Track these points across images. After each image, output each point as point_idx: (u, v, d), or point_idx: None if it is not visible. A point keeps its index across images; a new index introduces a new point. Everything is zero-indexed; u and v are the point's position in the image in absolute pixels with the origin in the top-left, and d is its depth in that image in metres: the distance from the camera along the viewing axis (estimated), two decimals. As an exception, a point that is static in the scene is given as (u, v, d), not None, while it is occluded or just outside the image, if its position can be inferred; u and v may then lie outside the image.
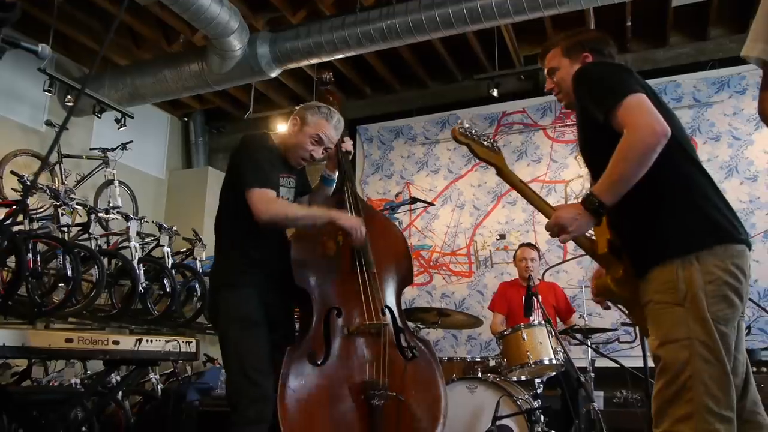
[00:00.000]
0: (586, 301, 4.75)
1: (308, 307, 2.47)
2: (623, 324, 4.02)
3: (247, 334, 2.30)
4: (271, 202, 2.35)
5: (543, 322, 3.39)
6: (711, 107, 5.67)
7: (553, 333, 3.32)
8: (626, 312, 1.94)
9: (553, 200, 5.94)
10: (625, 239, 1.78)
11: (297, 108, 2.63)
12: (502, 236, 6.09)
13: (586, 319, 4.37)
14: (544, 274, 4.20)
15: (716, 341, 1.55)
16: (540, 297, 3.42)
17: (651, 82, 6.11)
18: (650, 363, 3.51)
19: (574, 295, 5.35)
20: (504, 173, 1.90)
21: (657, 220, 1.68)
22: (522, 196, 1.88)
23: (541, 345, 3.33)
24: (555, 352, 3.37)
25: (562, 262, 5.49)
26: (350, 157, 2.84)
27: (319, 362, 2.34)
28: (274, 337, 2.37)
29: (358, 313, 2.45)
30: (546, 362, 3.39)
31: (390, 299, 2.59)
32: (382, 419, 2.29)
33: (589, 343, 3.60)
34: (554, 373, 3.63)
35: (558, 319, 4.42)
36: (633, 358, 4.92)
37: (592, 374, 3.78)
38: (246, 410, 2.19)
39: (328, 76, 2.94)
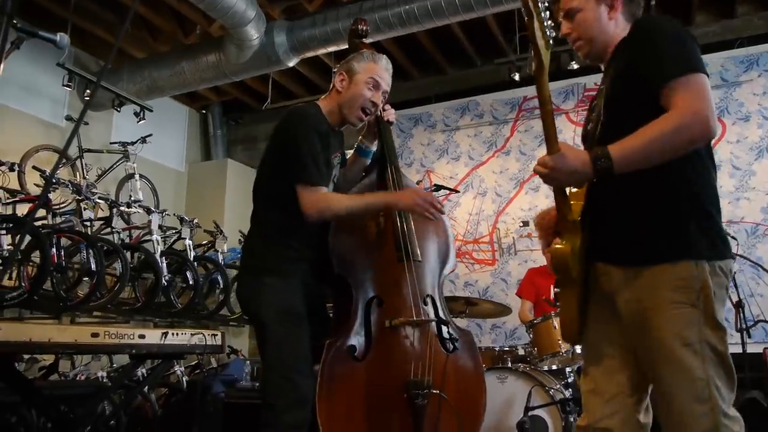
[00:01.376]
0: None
1: (347, 297, 2.27)
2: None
3: (290, 331, 2.11)
4: (322, 201, 2.14)
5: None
6: (740, 87, 5.51)
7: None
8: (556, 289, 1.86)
9: (577, 185, 5.83)
10: (624, 221, 1.61)
11: (336, 67, 2.39)
12: (526, 223, 5.99)
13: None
14: None
15: (725, 344, 1.52)
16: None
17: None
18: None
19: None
20: (542, 78, 1.52)
21: (679, 216, 1.55)
22: (542, 117, 1.53)
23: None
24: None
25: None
26: (391, 127, 2.54)
27: (359, 357, 2.18)
28: (311, 329, 2.19)
29: (401, 305, 2.25)
30: (578, 351, 3.31)
31: (433, 287, 2.38)
32: (425, 419, 2.14)
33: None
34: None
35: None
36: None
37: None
38: (283, 414, 2.03)
39: (364, 28, 2.58)
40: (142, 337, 2.40)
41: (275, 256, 2.21)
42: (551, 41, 1.53)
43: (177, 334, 2.58)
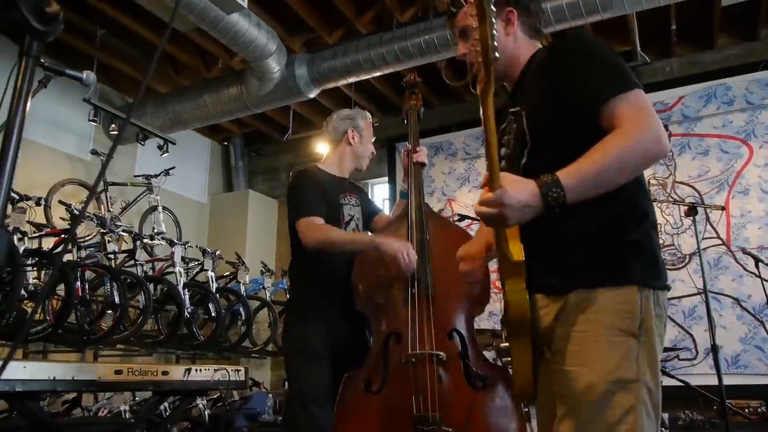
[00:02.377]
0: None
1: (369, 331, 2.42)
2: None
3: (309, 367, 2.33)
4: (315, 228, 2.39)
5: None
6: (765, 109, 5.42)
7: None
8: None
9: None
10: (565, 245, 1.44)
11: (338, 122, 2.71)
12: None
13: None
14: None
15: (659, 389, 1.34)
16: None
17: (699, 86, 5.95)
18: (725, 381, 3.34)
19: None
20: (490, 98, 1.30)
21: (625, 239, 1.40)
22: (486, 145, 1.30)
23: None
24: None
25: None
26: (424, 168, 2.68)
27: (374, 390, 2.25)
28: (347, 368, 2.35)
29: (416, 339, 2.30)
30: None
31: (459, 321, 2.37)
32: None
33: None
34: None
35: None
36: (694, 376, 4.71)
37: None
38: None
39: (413, 78, 2.88)
40: (165, 373, 2.38)
41: (299, 301, 2.53)
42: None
43: (200, 370, 2.56)
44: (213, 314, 5.19)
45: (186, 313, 4.90)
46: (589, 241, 1.42)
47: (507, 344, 1.46)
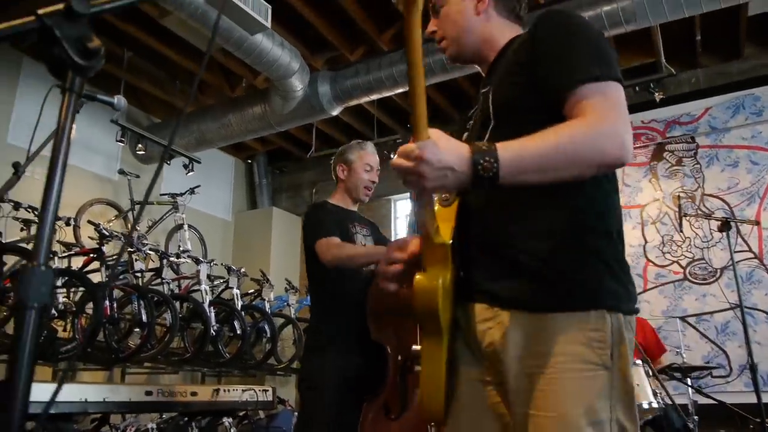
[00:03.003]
0: (680, 334, 4.43)
1: (386, 357, 2.42)
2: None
3: (317, 397, 2.38)
4: (333, 246, 2.47)
5: (639, 361, 3.13)
6: (796, 119, 5.32)
7: (651, 373, 3.05)
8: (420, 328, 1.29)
9: (628, 227, 5.67)
10: (520, 251, 1.22)
11: (334, 159, 2.83)
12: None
13: (684, 355, 3.98)
14: None
15: (636, 422, 1.18)
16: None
17: (726, 96, 5.86)
18: (764, 399, 3.24)
19: (659, 326, 5.03)
20: (415, 18, 1.04)
21: (592, 255, 1.20)
22: (409, 84, 1.07)
23: (638, 387, 3.05)
24: (655, 394, 3.09)
25: (644, 291, 5.19)
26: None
27: (393, 416, 2.27)
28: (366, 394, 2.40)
29: None
30: (645, 406, 3.09)
31: None
32: None
33: (689, 383, 3.28)
34: (651, 417, 3.33)
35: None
36: (729, 394, 4.58)
37: (696, 417, 3.43)
38: None
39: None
40: (194, 394, 2.39)
41: (316, 334, 2.58)
42: None
43: (228, 390, 2.56)
44: (238, 332, 5.21)
45: (212, 331, 4.91)
46: (548, 248, 1.20)
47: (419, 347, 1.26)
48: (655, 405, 3.13)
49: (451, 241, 1.21)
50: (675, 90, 5.83)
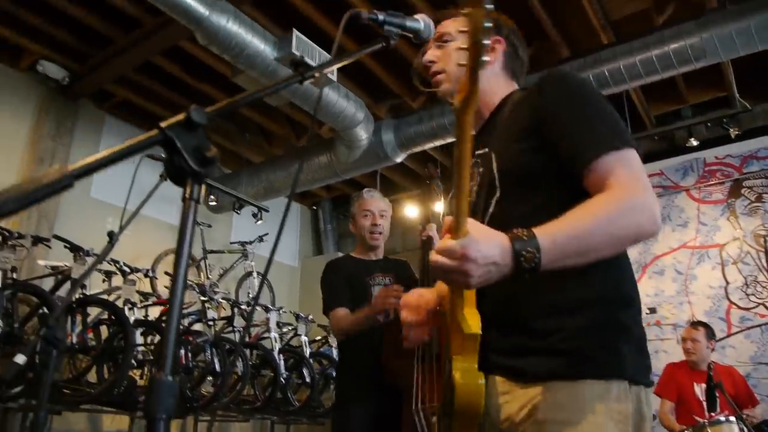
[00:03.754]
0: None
1: (403, 399, 2.46)
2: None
3: None
4: (337, 320, 2.66)
5: (733, 418, 2.93)
6: None
7: (747, 431, 2.86)
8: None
9: (707, 267, 5.42)
10: (530, 318, 1.20)
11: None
12: (653, 310, 5.59)
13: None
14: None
15: None
16: (724, 388, 2.97)
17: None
18: None
19: (747, 374, 4.73)
20: (469, 115, 0.95)
21: (613, 324, 1.17)
22: (456, 176, 0.99)
23: (734, 448, 2.86)
24: (752, 454, 2.90)
25: (728, 336, 4.91)
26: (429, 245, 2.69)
27: None
28: None
29: (435, 400, 2.32)
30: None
31: None
32: None
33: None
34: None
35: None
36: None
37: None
38: None
39: (432, 173, 2.95)
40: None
41: (342, 387, 2.76)
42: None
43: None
44: (307, 379, 5.23)
45: (281, 379, 4.95)
46: (570, 318, 1.17)
47: None
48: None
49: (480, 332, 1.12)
50: (749, 124, 5.61)
